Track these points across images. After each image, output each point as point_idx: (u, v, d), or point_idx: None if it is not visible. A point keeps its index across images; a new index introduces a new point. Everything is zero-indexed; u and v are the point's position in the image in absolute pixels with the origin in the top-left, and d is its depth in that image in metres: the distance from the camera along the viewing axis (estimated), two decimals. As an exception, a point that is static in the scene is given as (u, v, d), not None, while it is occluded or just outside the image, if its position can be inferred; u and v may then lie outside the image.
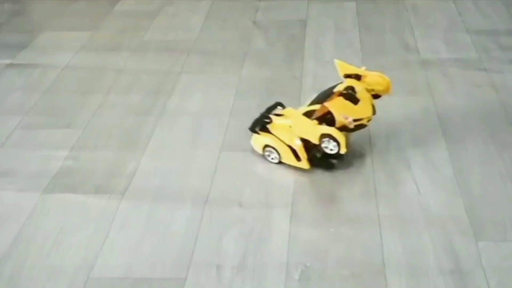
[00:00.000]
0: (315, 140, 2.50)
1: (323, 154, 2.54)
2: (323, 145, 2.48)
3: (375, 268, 2.13)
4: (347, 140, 2.46)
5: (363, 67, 2.65)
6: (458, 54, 3.59)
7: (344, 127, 2.48)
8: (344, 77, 2.63)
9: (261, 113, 2.76)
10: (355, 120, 2.53)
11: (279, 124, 2.70)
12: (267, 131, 2.70)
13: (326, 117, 2.52)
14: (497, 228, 2.34)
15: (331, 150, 2.48)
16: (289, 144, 2.60)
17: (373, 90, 2.63)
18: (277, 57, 3.60)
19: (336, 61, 2.61)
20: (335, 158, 2.55)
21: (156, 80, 3.40)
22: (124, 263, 2.23)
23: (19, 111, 3.14)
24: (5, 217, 2.39)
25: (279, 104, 2.79)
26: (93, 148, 2.83)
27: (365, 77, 2.58)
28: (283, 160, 2.65)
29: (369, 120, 2.57)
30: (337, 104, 2.52)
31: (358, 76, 2.57)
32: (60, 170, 2.67)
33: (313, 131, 2.52)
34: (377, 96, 2.63)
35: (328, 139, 2.43)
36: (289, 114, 2.67)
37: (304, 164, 2.57)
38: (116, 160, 2.77)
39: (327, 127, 2.47)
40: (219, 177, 2.65)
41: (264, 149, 2.70)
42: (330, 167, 2.58)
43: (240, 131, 2.90)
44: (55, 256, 2.24)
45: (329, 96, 2.58)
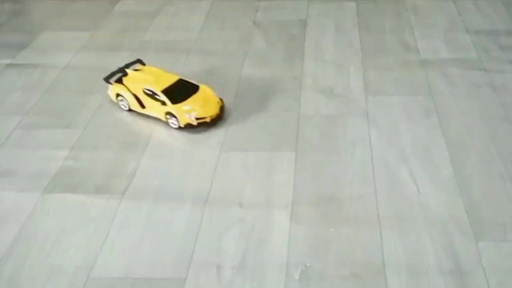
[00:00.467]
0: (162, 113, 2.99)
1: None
2: (169, 121, 2.88)
3: (375, 268, 2.12)
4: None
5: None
6: (458, 54, 3.59)
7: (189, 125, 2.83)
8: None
9: (118, 67, 3.15)
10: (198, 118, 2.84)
11: (131, 76, 3.10)
12: (121, 82, 3.08)
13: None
14: (497, 228, 2.35)
15: (173, 123, 2.88)
16: (134, 93, 2.99)
17: None
18: (277, 57, 3.61)
19: None
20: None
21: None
22: (124, 263, 2.24)
23: (19, 111, 3.16)
24: (5, 217, 2.41)
25: (139, 61, 3.20)
26: (93, 148, 2.84)
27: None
28: (131, 107, 3.05)
29: (212, 118, 2.88)
30: (180, 107, 2.84)
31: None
32: (60, 170, 2.68)
33: (160, 109, 2.93)
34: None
35: (170, 116, 2.83)
36: (147, 70, 3.13)
37: (147, 110, 2.97)
38: (116, 159, 2.76)
39: (171, 106, 2.86)
40: (219, 177, 2.66)
41: (117, 98, 3.10)
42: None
43: (240, 131, 2.92)
44: (55, 256, 2.24)
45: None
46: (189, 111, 2.93)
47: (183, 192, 2.50)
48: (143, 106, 3.03)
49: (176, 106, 2.92)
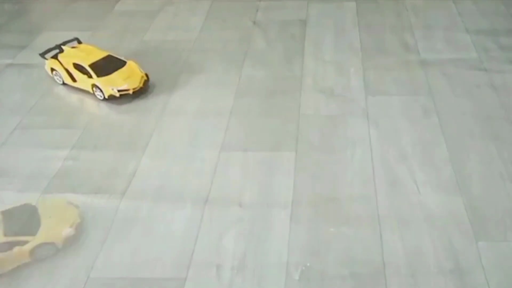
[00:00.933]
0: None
1: None
2: (96, 93, 3.17)
3: (375, 268, 2.15)
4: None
5: None
6: (458, 54, 3.59)
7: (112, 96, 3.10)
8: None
9: (55, 44, 3.41)
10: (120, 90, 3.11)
11: (66, 53, 3.37)
12: (57, 58, 3.34)
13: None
14: (497, 228, 2.36)
15: (99, 95, 3.16)
16: (66, 67, 3.28)
17: None
18: (277, 57, 3.62)
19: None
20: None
21: (155, 79, 3.39)
22: (124, 263, 2.25)
23: (19, 111, 3.18)
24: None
25: (76, 39, 3.47)
26: (93, 148, 2.85)
27: None
28: (65, 81, 3.32)
29: (135, 91, 3.17)
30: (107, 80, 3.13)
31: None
32: (60, 170, 2.69)
33: (87, 82, 3.21)
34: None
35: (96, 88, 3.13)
36: (81, 47, 3.39)
37: (77, 84, 3.22)
38: (116, 160, 2.78)
39: (96, 79, 3.17)
40: (219, 177, 2.67)
41: (52, 72, 3.38)
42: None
43: (240, 131, 2.92)
44: (55, 257, 2.25)
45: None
46: (112, 84, 3.24)
47: (183, 192, 2.56)
48: (74, 80, 3.34)
49: (100, 79, 3.13)
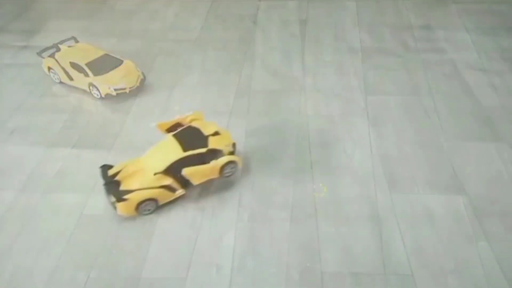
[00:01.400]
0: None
1: None
2: (92, 91, 3.48)
3: (309, 212, 2.40)
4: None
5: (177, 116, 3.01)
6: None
7: None
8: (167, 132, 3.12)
9: (52, 44, 3.45)
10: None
11: (63, 52, 3.34)
12: (54, 57, 3.35)
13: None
14: (408, 183, 2.57)
15: (96, 94, 3.35)
16: (63, 66, 3.22)
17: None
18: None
19: (154, 125, 3.00)
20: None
21: (137, 60, 3.59)
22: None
23: (30, 83, 3.49)
24: (19, 165, 2.70)
25: (73, 38, 3.51)
26: (88, 112, 3.09)
27: (185, 120, 2.95)
28: (62, 80, 3.32)
29: (131, 89, 3.19)
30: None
31: (179, 124, 2.97)
32: (61, 129, 3.02)
33: (84, 80, 3.33)
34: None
35: None
36: (78, 46, 3.41)
37: (74, 82, 3.18)
38: (105, 122, 3.07)
39: (93, 78, 3.25)
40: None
41: (49, 71, 3.40)
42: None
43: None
44: (56, 195, 2.52)
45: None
46: (109, 83, 3.17)
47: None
48: (71, 78, 3.33)
49: (97, 77, 3.18)
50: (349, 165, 2.61)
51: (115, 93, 3.17)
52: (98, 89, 3.24)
